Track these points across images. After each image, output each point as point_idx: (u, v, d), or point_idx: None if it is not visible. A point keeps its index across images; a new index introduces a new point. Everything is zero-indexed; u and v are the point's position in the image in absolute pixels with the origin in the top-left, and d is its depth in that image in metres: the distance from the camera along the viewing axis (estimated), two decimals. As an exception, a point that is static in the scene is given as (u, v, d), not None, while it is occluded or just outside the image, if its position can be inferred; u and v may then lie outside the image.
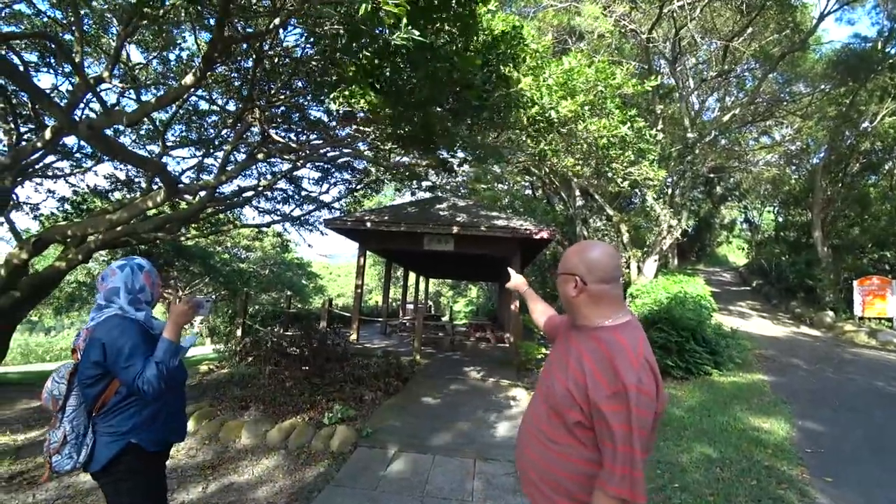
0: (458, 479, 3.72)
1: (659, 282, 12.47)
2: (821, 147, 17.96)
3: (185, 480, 3.60)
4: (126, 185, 10.85)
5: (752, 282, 20.95)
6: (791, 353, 9.90)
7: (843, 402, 6.27)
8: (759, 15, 12.89)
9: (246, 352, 7.86)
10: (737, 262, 29.49)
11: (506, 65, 4.44)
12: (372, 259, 26.61)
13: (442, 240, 9.80)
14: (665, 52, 14.24)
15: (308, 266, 30.27)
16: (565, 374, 1.34)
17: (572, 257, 1.45)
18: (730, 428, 5.01)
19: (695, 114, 15.61)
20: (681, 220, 14.09)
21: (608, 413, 1.20)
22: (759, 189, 25.19)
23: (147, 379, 1.72)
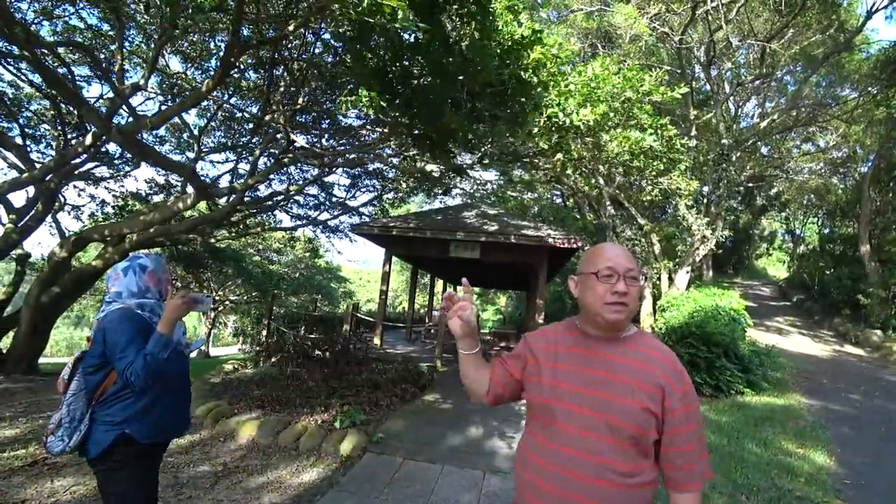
0: (464, 491, 3.63)
1: (691, 294, 12.05)
2: (869, 154, 16.99)
3: (195, 475, 3.66)
4: (165, 188, 11.33)
5: (793, 296, 19.98)
6: (833, 373, 9.33)
7: (890, 430, 5.84)
8: (800, 14, 12.31)
9: (270, 352, 8.02)
10: (777, 276, 28.21)
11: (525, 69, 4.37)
12: (401, 266, 26.78)
13: (468, 247, 9.75)
14: (699, 56, 13.82)
15: (338, 270, 30.73)
16: (634, 395, 1.19)
17: (636, 262, 1.31)
18: (759, 452, 4.73)
19: (731, 120, 15.04)
20: (716, 230, 13.57)
21: (686, 414, 1.22)
22: (801, 199, 24.06)
23: (134, 369, 1.74)
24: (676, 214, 14.44)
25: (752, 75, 14.41)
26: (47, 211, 8.23)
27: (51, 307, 7.63)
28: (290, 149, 7.53)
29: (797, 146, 20.18)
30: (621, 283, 1.23)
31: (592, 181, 6.77)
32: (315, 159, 7.77)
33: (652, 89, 5.85)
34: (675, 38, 12.19)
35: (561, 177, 9.33)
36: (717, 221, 13.84)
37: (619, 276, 1.23)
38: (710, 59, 13.31)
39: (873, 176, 16.20)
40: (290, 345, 7.69)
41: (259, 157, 8.22)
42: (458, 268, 13.98)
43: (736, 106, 16.24)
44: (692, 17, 11.77)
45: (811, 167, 20.34)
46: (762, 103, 16.92)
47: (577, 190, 17.70)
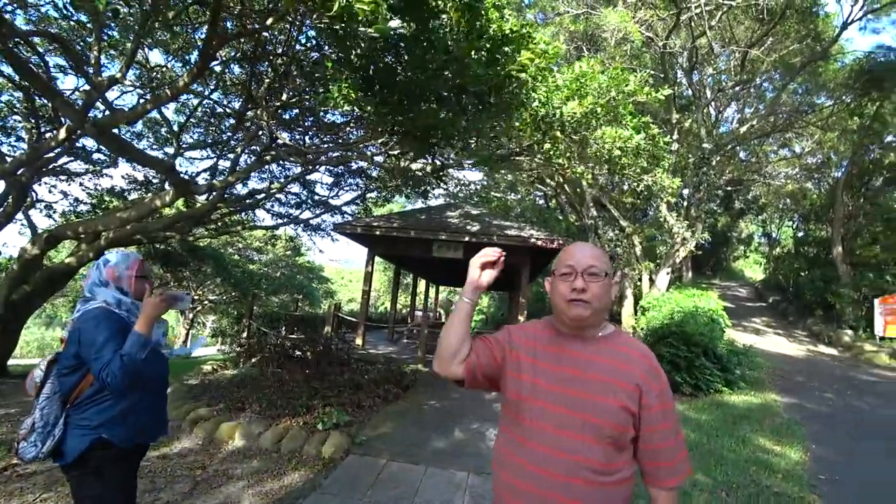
0: (448, 492, 3.61)
1: (671, 295, 12.24)
2: (842, 160, 17.53)
3: (172, 480, 3.56)
4: (143, 185, 11.05)
5: (769, 298, 20.48)
6: (807, 372, 9.58)
7: (861, 427, 6.01)
8: (779, 24, 12.64)
9: (250, 353, 7.88)
10: (753, 278, 28.89)
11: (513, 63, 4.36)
12: (384, 265, 26.64)
13: (452, 247, 9.75)
14: (682, 62, 14.06)
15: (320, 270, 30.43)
16: (615, 394, 1.20)
17: (607, 258, 1.32)
18: (738, 450, 4.81)
19: (712, 125, 15.35)
20: (695, 232, 13.82)
21: (663, 412, 1.23)
22: (778, 203, 24.69)
23: (111, 370, 1.67)
24: (658, 216, 14.66)
25: (732, 81, 14.73)
26: (18, 207, 7.94)
27: (21, 306, 7.37)
28: (272, 146, 7.41)
29: (774, 151, 20.71)
30: (579, 279, 1.25)
31: (580, 169, 6.79)
32: (298, 157, 7.67)
33: (636, 89, 5.90)
34: (660, 44, 12.38)
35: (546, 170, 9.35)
36: (697, 224, 14.10)
37: (577, 274, 1.26)
38: (692, 65, 13.55)
39: (846, 181, 16.70)
40: (270, 345, 7.57)
41: (241, 154, 8.06)
42: (441, 268, 13.96)
43: (716, 111, 16.58)
44: (676, 23, 11.97)
45: (787, 172, 20.89)
46: (742, 109, 17.30)
47: (560, 191, 17.86)
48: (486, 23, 4.12)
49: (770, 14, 12.35)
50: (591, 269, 1.26)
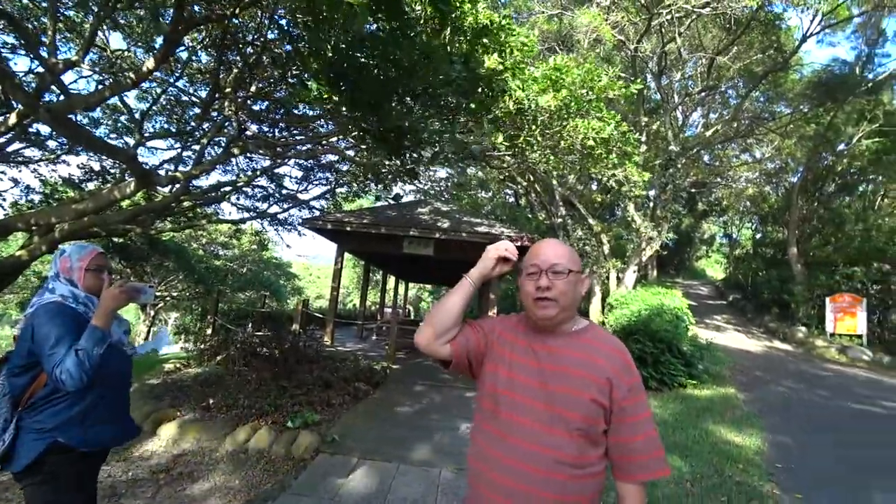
0: (421, 489, 3.58)
1: (638, 293, 12.55)
2: (798, 166, 18.40)
3: (134, 485, 3.40)
4: (101, 175, 10.52)
5: (729, 296, 21.29)
6: (764, 367, 10.00)
7: (813, 417, 6.31)
8: (745, 33, 13.15)
9: (214, 351, 7.63)
10: (715, 277, 30.01)
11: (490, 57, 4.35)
12: (352, 262, 26.37)
13: (422, 244, 9.71)
14: (651, 67, 14.43)
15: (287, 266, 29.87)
16: (585, 387, 1.21)
17: (574, 254, 1.35)
18: (702, 441, 4.97)
19: (678, 128, 15.83)
20: (661, 232, 14.23)
21: (634, 405, 1.24)
22: (738, 205, 25.70)
23: (66, 368, 1.56)
24: (625, 216, 15.02)
25: (699, 87, 15.22)
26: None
27: (-36, 302, 6.90)
28: (240, 137, 7.18)
29: (736, 156, 21.56)
30: (543, 278, 1.27)
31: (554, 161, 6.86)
32: (267, 149, 7.45)
33: (609, 84, 5.99)
34: (631, 47, 12.66)
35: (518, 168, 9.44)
36: (663, 224, 14.52)
37: (541, 272, 1.27)
38: (661, 69, 13.93)
39: (801, 186, 17.54)
40: (236, 343, 7.35)
41: (207, 146, 7.78)
42: (412, 264, 13.90)
43: (683, 115, 17.11)
44: (648, 28, 12.26)
45: (748, 176, 21.80)
46: (707, 114, 17.92)
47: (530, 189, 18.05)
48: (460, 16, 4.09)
49: (737, 24, 12.82)
50: (555, 267, 1.27)
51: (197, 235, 18.68)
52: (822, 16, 12.90)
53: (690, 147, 15.27)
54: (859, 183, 17.99)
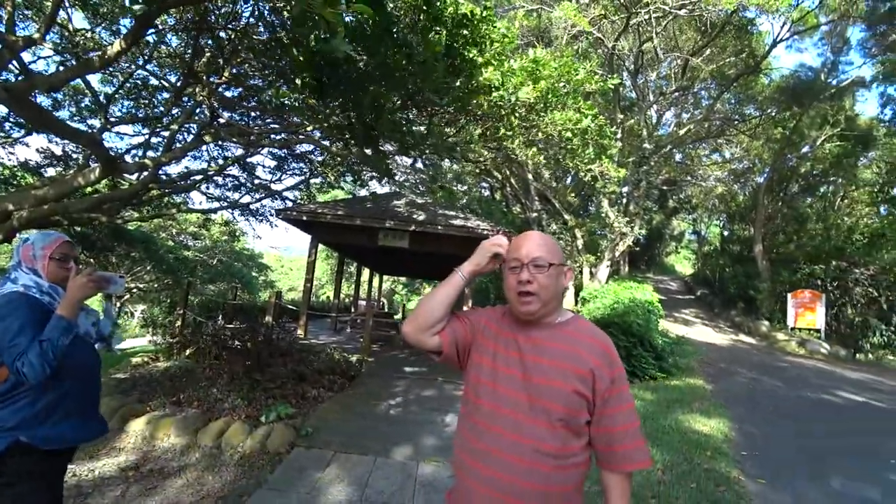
0: (399, 481, 3.57)
1: (611, 287, 12.79)
2: (765, 167, 19.06)
3: (102, 484, 3.27)
4: (62, 160, 10.04)
5: (697, 291, 21.94)
6: (730, 359, 10.36)
7: (776, 407, 6.57)
8: (719, 36, 13.49)
9: (184, 344, 7.42)
10: (684, 272, 30.85)
11: (470, 49, 4.32)
12: (325, 253, 26.08)
13: (397, 236, 9.64)
14: (628, 65, 14.65)
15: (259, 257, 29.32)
16: (565, 378, 1.22)
17: (556, 246, 1.36)
18: (672, 431, 5.11)
19: (652, 127, 16.16)
20: (634, 228, 14.52)
21: (617, 396, 1.26)
22: (707, 203, 26.48)
23: (28, 359, 1.48)
24: (599, 212, 15.27)
25: (673, 87, 15.54)
26: None
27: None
28: (212, 124, 6.95)
29: (707, 155, 22.18)
30: (525, 272, 1.28)
31: (531, 151, 6.91)
32: (241, 137, 7.24)
33: (586, 78, 6.04)
34: (609, 44, 12.81)
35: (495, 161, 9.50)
36: (636, 220, 14.83)
37: (523, 266, 1.28)
38: (637, 68, 14.15)
39: (768, 186, 18.19)
40: (207, 336, 7.15)
41: (177, 132, 7.51)
42: (387, 257, 13.82)
43: (657, 114, 17.46)
44: (626, 26, 12.43)
45: (717, 175, 22.45)
46: (680, 114, 18.34)
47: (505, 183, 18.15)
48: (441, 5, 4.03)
49: (711, 27, 13.14)
50: (536, 260, 1.28)
51: (166, 225, 18.11)
52: (792, 23, 13.34)
53: (663, 145, 15.61)
54: (821, 184, 18.78)
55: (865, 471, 4.26)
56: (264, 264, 30.05)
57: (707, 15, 11.83)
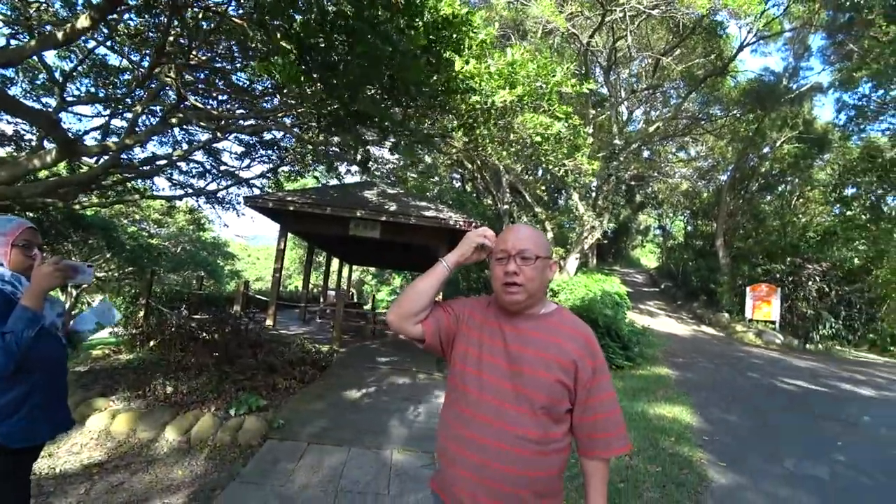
0: (374, 471, 3.58)
1: (580, 279, 13.05)
2: (729, 166, 19.76)
3: (64, 481, 3.14)
4: (13, 140, 9.45)
5: (662, 284, 22.67)
6: (693, 349, 10.77)
7: (735, 394, 6.89)
8: (689, 37, 13.85)
9: (148, 335, 7.17)
10: (649, 265, 31.80)
11: (449, 50, 4.29)
12: (294, 242, 25.62)
13: (369, 226, 9.55)
14: (601, 61, 14.87)
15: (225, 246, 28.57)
16: (548, 368, 1.25)
17: (543, 239, 1.39)
18: (638, 418, 5.30)
19: (623, 123, 16.49)
20: (603, 221, 14.84)
21: (598, 386, 1.30)
22: (673, 199, 27.27)
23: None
24: (569, 205, 15.53)
25: (644, 85, 15.87)
26: None
27: None
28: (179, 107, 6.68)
29: (673, 153, 22.80)
30: (511, 263, 1.30)
31: (504, 154, 6.96)
32: (209, 122, 6.99)
33: (563, 80, 6.10)
34: (584, 40, 12.95)
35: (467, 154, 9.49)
36: (605, 214, 15.16)
37: (510, 257, 1.31)
38: (610, 65, 14.37)
39: (730, 184, 18.88)
40: (173, 326, 6.94)
41: (140, 114, 7.18)
42: (357, 247, 13.68)
43: (628, 111, 17.81)
44: (601, 23, 12.58)
45: (683, 172, 23.12)
46: (649, 112, 18.77)
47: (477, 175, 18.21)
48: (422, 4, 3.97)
49: (683, 28, 13.46)
50: (524, 252, 1.31)
51: (128, 212, 17.36)
52: (758, 29, 13.81)
53: (633, 142, 15.95)
54: (779, 183, 19.63)
55: (815, 452, 4.52)
56: (231, 253, 29.30)
57: (679, 16, 12.11)
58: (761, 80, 16.44)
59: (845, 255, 14.73)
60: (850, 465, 4.19)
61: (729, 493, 3.59)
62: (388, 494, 3.25)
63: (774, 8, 13.69)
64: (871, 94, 15.22)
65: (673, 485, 3.60)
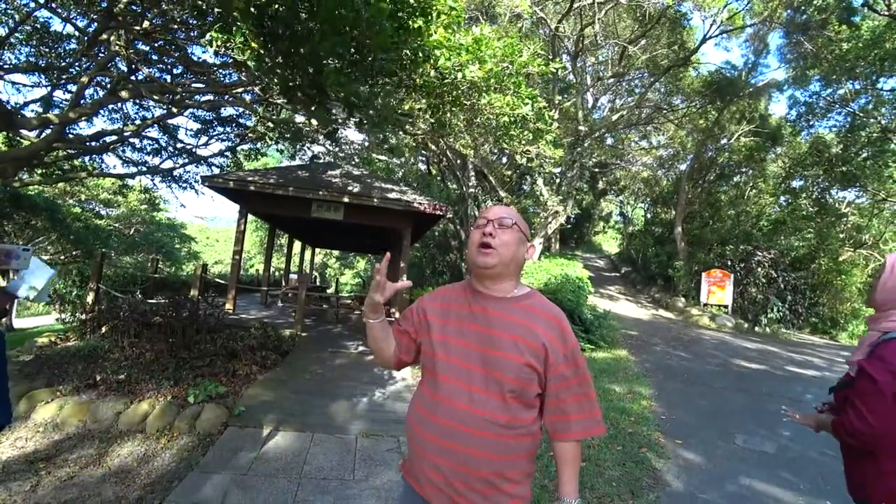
0: (338, 457, 3.54)
1: (543, 264, 13.28)
2: (688, 155, 20.39)
3: (7, 477, 2.95)
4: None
5: (622, 269, 23.34)
6: (651, 332, 11.18)
7: (690, 375, 7.20)
8: (654, 28, 14.06)
9: (98, 321, 6.81)
10: (610, 251, 32.62)
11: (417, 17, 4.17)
12: (254, 224, 24.90)
13: (332, 208, 9.36)
14: (569, 46, 14.93)
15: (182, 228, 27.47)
16: (518, 351, 1.24)
17: (523, 221, 1.41)
18: (600, 399, 5.41)
19: (588, 110, 16.68)
20: (566, 207, 15.05)
21: (572, 369, 1.29)
22: (634, 187, 27.99)
23: None
24: (534, 190, 15.66)
25: (610, 72, 16.06)
26: None
27: None
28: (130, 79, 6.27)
29: (636, 141, 23.30)
30: (490, 226, 1.33)
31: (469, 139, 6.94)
32: (163, 96, 6.60)
33: (529, 61, 6.07)
34: (552, 25, 12.93)
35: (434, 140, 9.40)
36: (568, 199, 15.37)
37: (488, 222, 1.34)
38: (577, 52, 14.44)
39: (689, 174, 19.48)
40: (125, 312, 6.60)
41: (87, 85, 6.70)
42: (320, 229, 13.42)
43: (593, 98, 18.01)
44: (570, 9, 12.59)
45: (644, 160, 23.70)
46: (614, 100, 19.04)
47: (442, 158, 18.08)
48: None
49: (649, 17, 13.64)
50: (503, 220, 1.34)
51: (73, 191, 16.34)
52: (721, 22, 14.16)
53: (597, 129, 16.18)
54: (735, 174, 20.41)
55: (763, 429, 4.79)
56: (188, 235, 28.19)
57: (646, 5, 12.26)
58: (722, 73, 16.93)
59: (792, 243, 15.54)
60: (795, 440, 4.47)
61: (685, 469, 3.75)
62: (354, 479, 3.22)
63: (737, 2, 14.07)
64: (821, 91, 15.95)
65: (633, 463, 3.74)
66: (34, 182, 10.39)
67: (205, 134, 10.62)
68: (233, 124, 10.36)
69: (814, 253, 15.06)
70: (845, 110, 15.46)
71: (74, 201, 16.87)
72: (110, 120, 9.76)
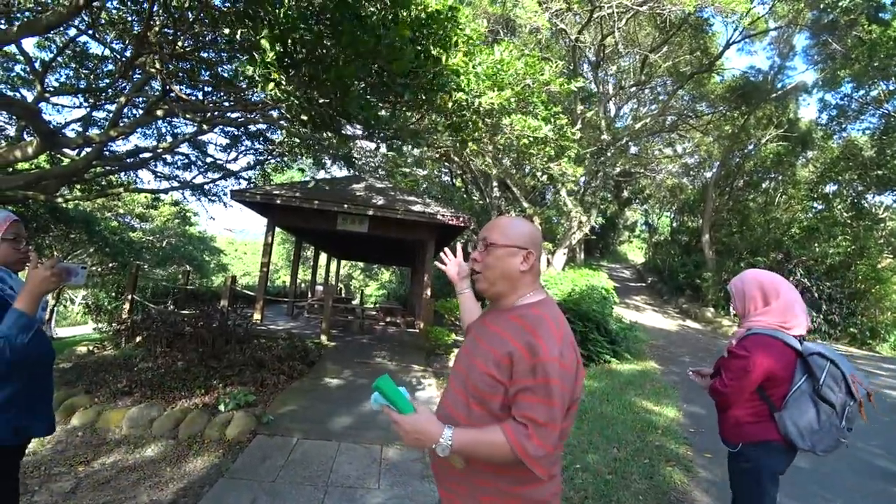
0: (364, 466, 3.58)
1: (567, 274, 13.14)
2: (714, 162, 19.98)
3: (49, 479, 3.09)
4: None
5: (648, 279, 22.89)
6: (679, 344, 10.93)
7: (718, 388, 7.00)
8: (676, 34, 13.94)
9: (133, 331, 7.07)
10: (635, 261, 32.07)
11: (436, 46, 4.27)
12: (281, 237, 25.41)
13: (356, 220, 9.53)
14: (590, 57, 14.92)
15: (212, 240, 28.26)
16: (485, 359, 1.21)
17: (515, 229, 1.31)
18: (626, 411, 5.36)
19: (610, 119, 16.57)
20: (590, 217, 14.94)
21: (533, 386, 1.11)
22: (659, 195, 27.53)
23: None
24: (557, 200, 15.59)
25: (632, 81, 15.95)
26: None
27: None
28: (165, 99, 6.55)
29: (660, 149, 22.98)
30: (475, 251, 1.34)
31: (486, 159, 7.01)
32: (195, 114, 6.88)
33: (551, 79, 6.11)
34: (572, 36, 12.97)
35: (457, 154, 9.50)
36: (592, 209, 15.26)
37: (479, 242, 1.35)
38: (598, 61, 14.42)
39: (716, 181, 19.09)
40: (157, 322, 6.84)
41: (124, 106, 7.04)
42: (345, 241, 13.63)
43: (616, 107, 17.89)
44: (589, 20, 12.61)
45: (669, 168, 23.34)
46: (637, 108, 18.88)
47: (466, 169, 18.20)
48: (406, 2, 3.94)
49: (670, 25, 13.54)
50: (486, 240, 1.31)
51: (110, 205, 17.05)
52: (744, 27, 13.96)
53: (620, 138, 16.06)
54: (763, 180, 19.91)
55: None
56: (217, 248, 28.98)
57: (667, 13, 12.20)
58: (747, 77, 16.63)
59: (827, 250, 15.01)
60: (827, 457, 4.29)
61: (714, 484, 3.65)
62: (379, 489, 3.25)
63: (761, 6, 13.84)
64: (853, 93, 15.48)
65: (660, 476, 3.66)
66: (75, 198, 10.90)
67: (233, 148, 10.98)
68: (260, 138, 10.69)
69: (850, 260, 14.49)
70: (879, 112, 14.95)
71: (112, 215, 17.59)
72: (143, 136, 10.20)
